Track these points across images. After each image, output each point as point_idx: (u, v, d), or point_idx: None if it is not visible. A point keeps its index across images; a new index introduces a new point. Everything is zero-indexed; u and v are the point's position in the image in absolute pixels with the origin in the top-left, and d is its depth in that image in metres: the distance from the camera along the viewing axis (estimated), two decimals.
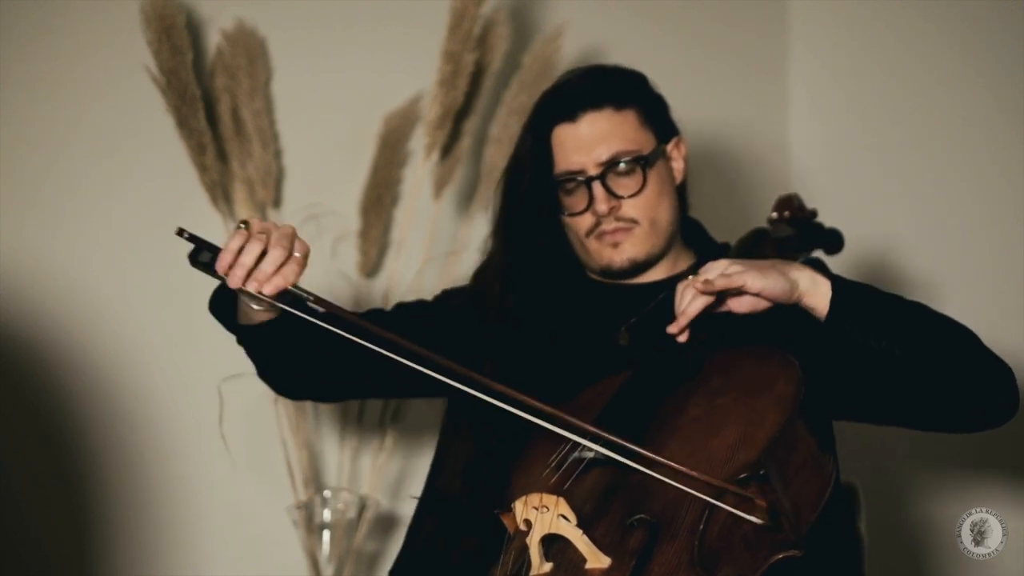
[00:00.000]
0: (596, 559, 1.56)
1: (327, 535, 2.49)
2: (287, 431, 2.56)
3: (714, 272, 1.76)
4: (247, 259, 1.74)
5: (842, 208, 2.96)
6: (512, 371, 1.92)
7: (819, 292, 1.77)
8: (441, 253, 2.67)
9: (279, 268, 1.75)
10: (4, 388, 2.40)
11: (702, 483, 1.59)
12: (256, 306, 1.86)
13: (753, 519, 1.54)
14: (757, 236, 2.10)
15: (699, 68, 3.04)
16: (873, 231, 2.85)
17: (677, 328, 1.76)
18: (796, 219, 2.15)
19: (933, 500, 2.77)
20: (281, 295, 1.77)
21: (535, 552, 1.59)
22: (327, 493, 2.51)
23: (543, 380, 1.88)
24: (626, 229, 2.00)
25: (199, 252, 1.77)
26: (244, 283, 1.75)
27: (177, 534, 2.54)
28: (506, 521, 1.65)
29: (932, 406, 1.81)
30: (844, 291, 1.77)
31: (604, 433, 1.66)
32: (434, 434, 2.12)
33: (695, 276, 1.77)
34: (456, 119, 2.61)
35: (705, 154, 2.97)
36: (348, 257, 2.65)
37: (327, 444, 2.64)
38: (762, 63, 3.10)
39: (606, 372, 1.87)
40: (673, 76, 3.02)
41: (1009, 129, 2.77)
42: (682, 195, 2.09)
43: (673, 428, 1.71)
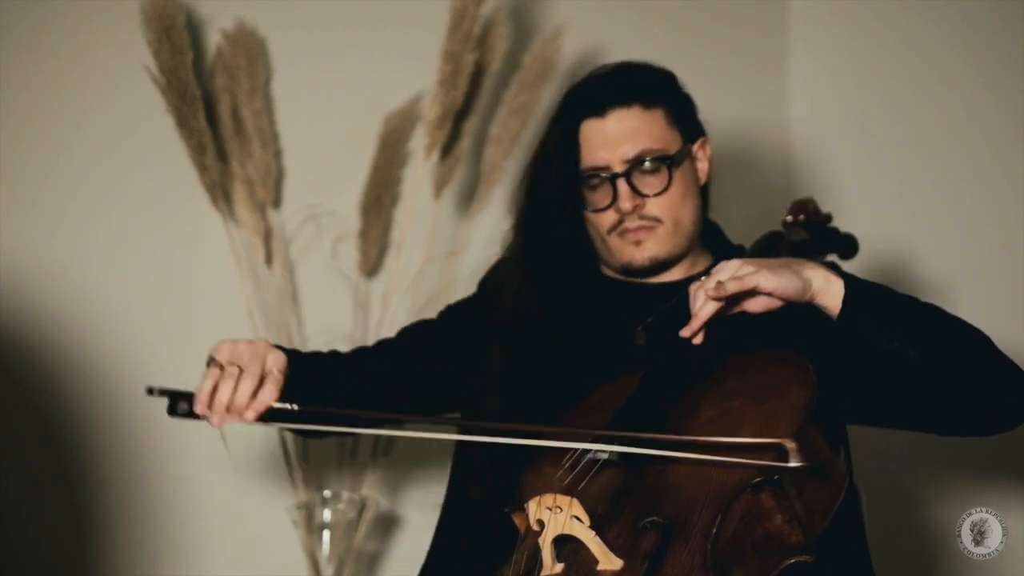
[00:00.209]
0: (608, 561, 1.56)
1: (327, 535, 2.49)
2: (287, 431, 2.56)
3: (726, 274, 1.75)
4: (223, 397, 1.79)
5: (842, 208, 2.96)
6: (528, 367, 1.94)
7: (832, 291, 1.76)
8: (441, 253, 2.67)
9: (254, 396, 1.78)
10: (4, 388, 2.40)
11: (715, 488, 1.59)
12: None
13: (780, 533, 1.54)
14: (772, 239, 2.10)
15: (699, 68, 3.00)
16: (873, 231, 2.84)
17: (690, 332, 1.76)
18: (811, 223, 2.15)
19: (933, 500, 2.77)
20: (269, 414, 1.80)
21: (547, 553, 1.58)
22: (327, 493, 2.51)
23: (558, 377, 1.88)
24: (649, 228, 1.99)
25: (176, 404, 1.81)
26: (227, 420, 1.79)
27: (177, 534, 2.54)
28: (517, 520, 1.65)
29: (945, 409, 1.80)
30: (857, 290, 1.76)
31: (617, 433, 1.66)
32: None
33: (707, 277, 1.77)
34: (456, 119, 2.61)
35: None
36: (348, 257, 2.65)
37: (327, 444, 2.64)
38: (762, 63, 3.10)
39: (621, 371, 1.86)
40: None
41: (1009, 129, 2.77)
42: (705, 196, 2.09)
43: (686, 430, 1.70)
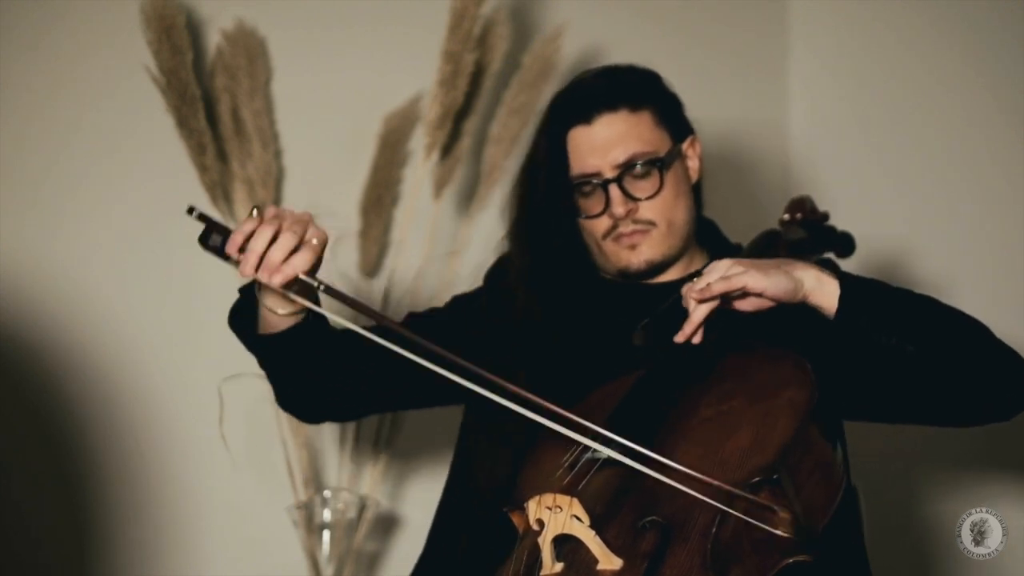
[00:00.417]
0: (608, 560, 1.56)
1: (327, 535, 2.49)
2: (287, 431, 2.56)
3: (716, 274, 1.75)
4: (258, 244, 1.68)
5: (842, 208, 2.95)
6: (530, 372, 1.92)
7: (826, 291, 1.76)
8: (441, 253, 2.67)
9: (289, 255, 1.69)
10: (4, 388, 2.40)
11: (715, 488, 1.58)
12: (280, 310, 1.80)
13: (779, 533, 1.54)
14: (769, 238, 2.10)
15: (699, 68, 3.03)
16: (873, 232, 2.84)
17: (684, 337, 1.76)
18: (808, 221, 2.15)
19: (933, 500, 2.77)
20: (296, 285, 1.70)
21: (547, 552, 1.58)
22: (327, 493, 2.51)
23: (558, 380, 1.88)
24: (643, 231, 1.98)
25: (209, 234, 1.70)
26: (255, 271, 1.69)
27: (177, 534, 2.54)
28: (516, 519, 1.65)
29: (946, 401, 1.79)
30: (853, 289, 1.76)
31: (619, 437, 1.65)
32: (434, 435, 2.12)
33: (698, 278, 1.77)
34: (456, 119, 2.61)
35: (704, 154, 2.96)
36: (348, 257, 2.65)
37: (327, 444, 2.64)
38: (762, 63, 3.10)
39: (620, 372, 1.86)
40: (673, 76, 3.01)
41: (1009, 129, 2.77)
42: (697, 194, 2.09)
43: (684, 430, 1.70)
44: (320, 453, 2.63)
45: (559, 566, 1.58)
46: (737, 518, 1.56)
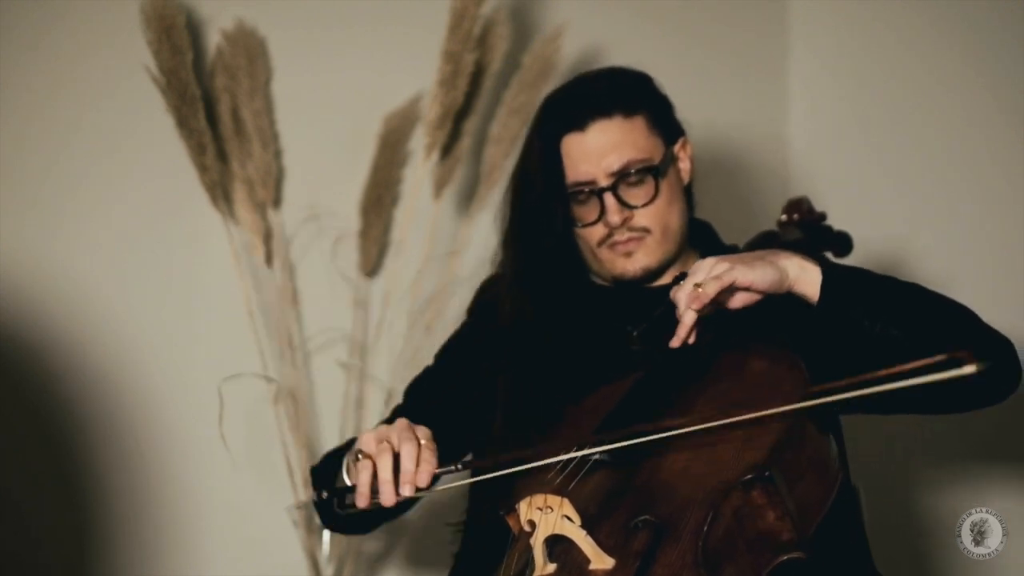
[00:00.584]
0: (600, 560, 1.56)
1: (327, 535, 2.49)
2: (287, 431, 2.56)
3: (702, 274, 1.74)
4: (386, 475, 1.69)
5: (842, 208, 2.95)
6: (528, 381, 1.94)
7: (809, 278, 1.75)
8: (441, 253, 2.67)
9: (418, 460, 1.70)
10: (4, 388, 2.40)
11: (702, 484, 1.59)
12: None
13: (771, 530, 1.54)
14: (766, 238, 2.10)
15: (699, 68, 3.04)
16: (873, 232, 2.85)
17: (679, 342, 1.75)
18: (805, 222, 2.15)
19: (933, 500, 2.77)
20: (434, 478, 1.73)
21: (539, 553, 1.59)
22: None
23: (558, 388, 1.89)
24: (639, 239, 1.98)
25: (344, 497, 1.74)
26: (398, 496, 1.69)
27: (177, 534, 2.54)
28: (510, 522, 1.65)
29: (936, 387, 1.79)
30: (834, 274, 1.76)
31: (606, 437, 1.66)
32: None
33: (685, 280, 1.76)
34: (456, 119, 2.61)
35: (704, 154, 2.95)
36: (348, 257, 2.65)
37: (327, 444, 2.64)
38: (762, 63, 3.10)
39: (615, 375, 1.87)
40: (673, 76, 3.01)
41: (1009, 129, 2.77)
42: (689, 195, 2.09)
43: (683, 423, 1.71)
44: (320, 453, 2.63)
45: (552, 567, 1.59)
46: (730, 516, 1.56)
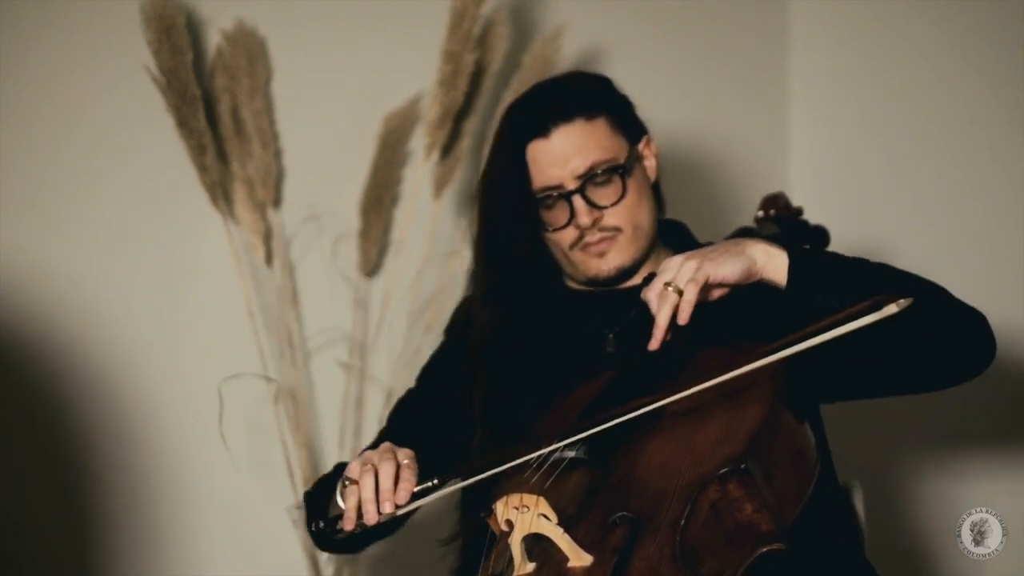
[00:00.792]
0: (578, 557, 1.56)
1: None
2: (287, 431, 2.56)
3: (670, 274, 1.75)
4: (368, 494, 1.73)
5: (842, 208, 2.96)
6: (507, 390, 1.96)
7: (775, 263, 1.76)
8: (441, 253, 2.67)
9: (396, 480, 1.74)
10: (4, 388, 2.40)
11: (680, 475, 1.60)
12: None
13: (750, 522, 1.54)
14: (743, 235, 2.11)
15: (699, 68, 3.04)
16: (873, 232, 2.85)
17: (656, 343, 1.75)
18: (782, 217, 2.16)
19: (933, 500, 2.77)
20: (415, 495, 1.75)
21: (517, 552, 1.59)
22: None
23: (536, 394, 1.89)
24: (610, 238, 1.99)
25: (335, 525, 1.77)
26: (379, 515, 1.73)
27: (177, 534, 2.54)
28: (492, 524, 1.65)
29: (911, 364, 1.78)
30: (800, 256, 1.76)
31: (581, 427, 1.67)
32: None
33: (655, 280, 1.77)
34: (456, 119, 2.61)
35: (705, 154, 2.97)
36: (348, 257, 2.65)
37: (327, 444, 2.64)
38: (762, 63, 3.10)
39: (590, 377, 1.88)
40: (673, 76, 3.04)
41: (1011, 128, 2.77)
42: (657, 193, 2.09)
43: (656, 426, 1.71)
44: (320, 453, 2.63)
45: (531, 566, 1.59)
46: (708, 509, 1.56)
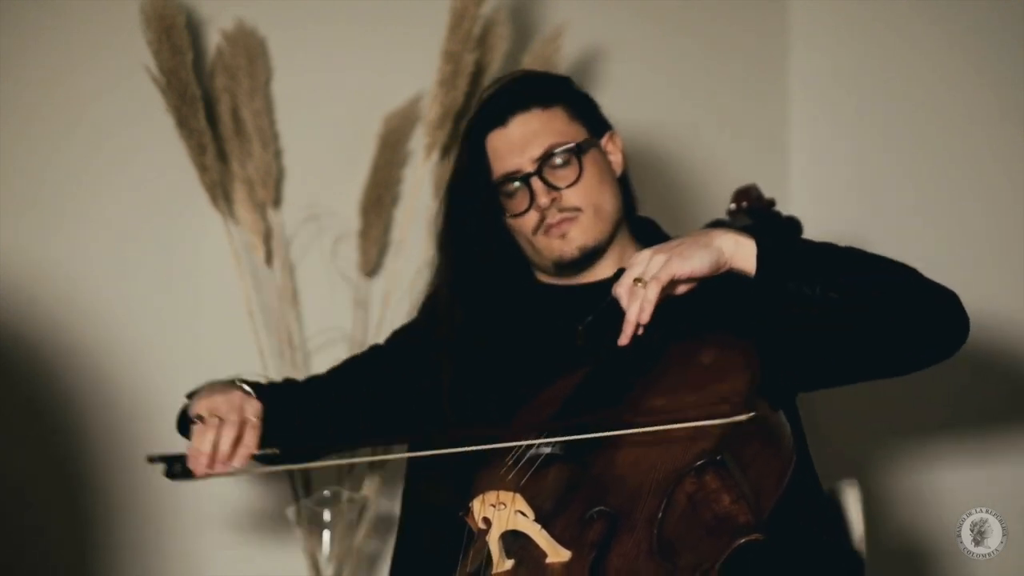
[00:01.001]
0: (556, 553, 1.56)
1: (327, 535, 2.49)
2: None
3: (639, 268, 1.75)
4: (205, 448, 1.87)
5: (842, 208, 2.96)
6: (472, 384, 1.97)
7: (744, 253, 1.76)
8: None
9: (235, 445, 1.88)
10: (4, 388, 2.40)
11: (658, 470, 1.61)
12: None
13: (728, 514, 1.54)
14: (715, 227, 2.11)
15: (699, 68, 3.04)
16: (873, 231, 2.85)
17: (626, 339, 1.76)
18: (754, 209, 2.16)
19: (933, 500, 2.77)
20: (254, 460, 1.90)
21: (495, 549, 1.59)
22: (327, 493, 2.51)
23: (506, 388, 1.89)
24: (571, 218, 2.01)
25: (172, 465, 1.88)
26: (212, 468, 1.87)
27: (177, 534, 2.54)
28: (470, 523, 1.65)
29: (885, 347, 1.78)
30: (768, 244, 1.76)
31: (557, 424, 1.69)
32: None
33: (624, 275, 1.77)
34: (456, 119, 2.61)
35: (705, 154, 2.97)
36: (348, 257, 2.65)
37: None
38: (762, 63, 3.10)
39: (563, 373, 1.88)
40: (674, 76, 3.04)
41: (1011, 128, 2.77)
42: (627, 189, 2.12)
43: (631, 422, 1.70)
44: None
45: (509, 563, 1.59)
46: (685, 503, 1.56)
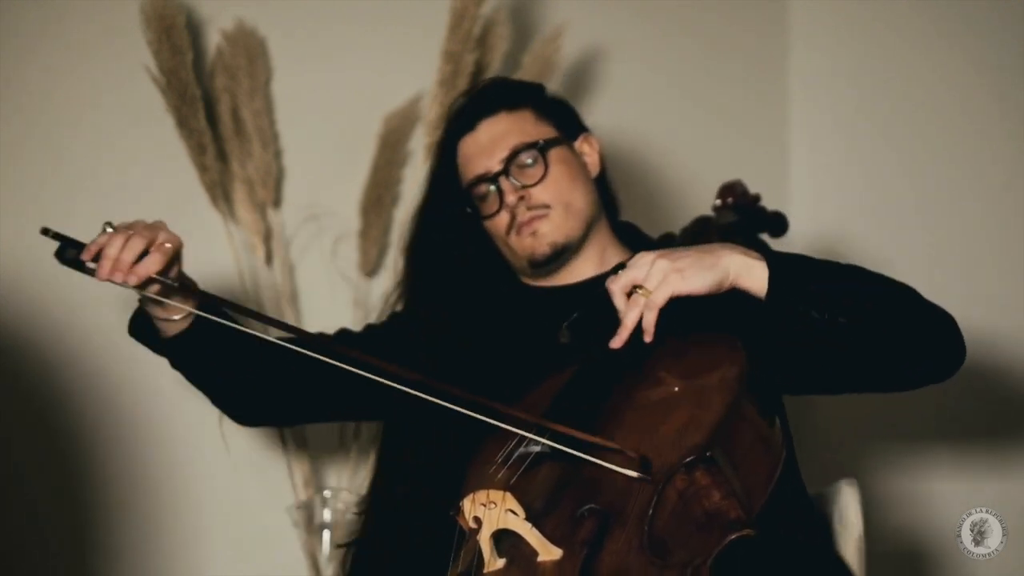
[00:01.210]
0: (547, 552, 1.56)
1: (327, 535, 2.49)
2: (287, 431, 2.56)
3: (641, 271, 1.75)
4: (111, 251, 1.79)
5: (842, 208, 2.96)
6: (457, 385, 1.95)
7: (754, 275, 1.76)
8: None
9: (140, 257, 1.80)
10: (4, 388, 2.40)
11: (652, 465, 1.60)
12: (162, 315, 1.91)
13: (718, 510, 1.54)
14: (701, 224, 2.12)
15: (699, 68, 3.04)
16: (873, 231, 2.85)
17: (620, 342, 1.77)
18: (739, 204, 2.17)
19: (933, 500, 2.77)
20: (155, 286, 1.82)
21: (487, 548, 1.59)
22: (327, 493, 2.51)
23: (489, 390, 1.89)
24: (541, 216, 2.03)
25: (65, 249, 1.80)
26: (110, 274, 1.79)
27: (177, 534, 2.54)
28: (461, 522, 1.65)
29: (883, 368, 1.80)
30: (781, 270, 1.76)
31: (549, 424, 1.67)
32: None
33: (622, 272, 1.77)
34: None
35: (704, 154, 2.97)
36: (348, 257, 2.65)
37: (327, 444, 2.64)
38: (762, 63, 3.10)
39: (552, 372, 1.88)
40: (674, 75, 3.04)
41: (1011, 128, 2.77)
42: (606, 191, 2.13)
43: (621, 418, 1.71)
44: (320, 453, 2.63)
45: (501, 562, 1.59)
46: (675, 499, 1.56)
